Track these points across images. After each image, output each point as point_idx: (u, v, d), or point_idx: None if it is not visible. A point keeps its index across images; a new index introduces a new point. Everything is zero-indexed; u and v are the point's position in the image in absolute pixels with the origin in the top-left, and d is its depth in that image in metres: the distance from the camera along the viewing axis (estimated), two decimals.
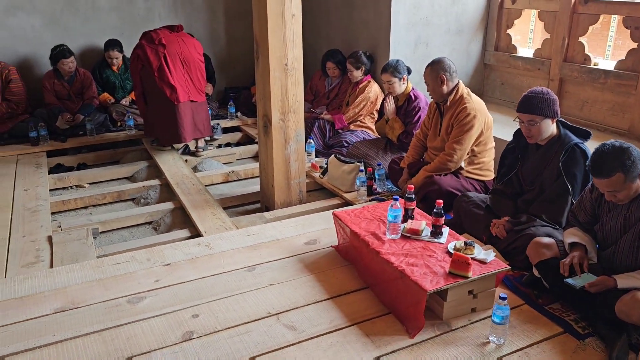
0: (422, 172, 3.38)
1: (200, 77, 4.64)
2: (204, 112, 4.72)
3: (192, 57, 4.54)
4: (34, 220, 3.41)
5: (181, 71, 4.49)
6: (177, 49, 4.48)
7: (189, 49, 4.54)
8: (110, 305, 2.41)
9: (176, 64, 4.46)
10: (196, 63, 4.58)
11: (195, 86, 4.59)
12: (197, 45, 4.69)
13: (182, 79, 4.50)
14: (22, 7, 5.27)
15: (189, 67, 4.53)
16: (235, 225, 3.33)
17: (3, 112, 4.97)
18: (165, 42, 4.44)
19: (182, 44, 4.53)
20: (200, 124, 4.67)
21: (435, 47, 4.72)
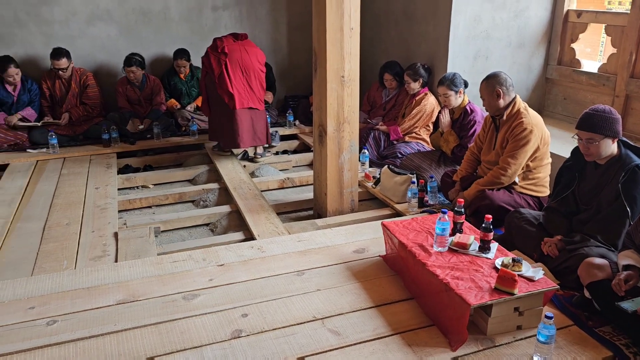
0: (475, 186, 3.37)
1: (259, 86, 4.74)
2: (262, 120, 4.83)
3: (253, 66, 4.66)
4: (103, 217, 3.65)
5: (240, 79, 4.62)
6: (238, 57, 4.61)
7: (250, 58, 4.65)
8: (167, 300, 2.56)
9: (236, 72, 4.60)
10: (256, 72, 4.69)
11: (254, 94, 4.70)
12: (260, 55, 4.79)
13: (241, 87, 4.64)
14: (101, 18, 5.65)
15: (248, 75, 4.65)
16: (288, 230, 3.43)
17: (80, 115, 5.35)
18: (228, 50, 4.59)
19: (244, 52, 4.65)
20: (258, 131, 4.79)
21: (495, 60, 4.67)
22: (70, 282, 2.73)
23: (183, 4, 5.88)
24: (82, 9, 5.56)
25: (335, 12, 3.30)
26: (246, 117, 4.71)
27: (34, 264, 3.00)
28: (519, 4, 4.58)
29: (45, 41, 5.50)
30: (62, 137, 5.14)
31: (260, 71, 4.76)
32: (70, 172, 4.54)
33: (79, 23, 5.60)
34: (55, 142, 4.93)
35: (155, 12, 5.82)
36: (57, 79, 5.32)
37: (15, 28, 5.41)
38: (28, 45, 5.50)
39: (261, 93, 4.79)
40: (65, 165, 4.73)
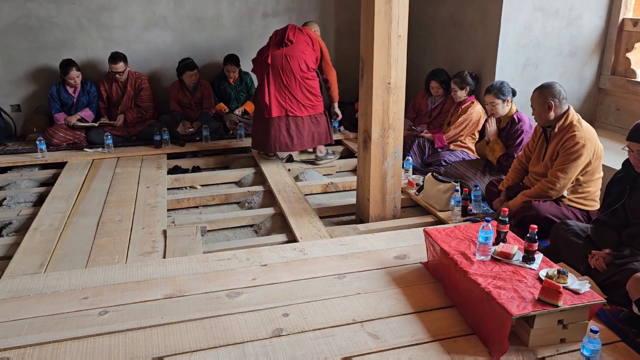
0: (521, 196, 3.31)
1: (307, 93, 4.70)
2: (308, 126, 4.81)
3: (295, 76, 4.61)
4: (153, 214, 3.79)
5: (283, 89, 4.64)
6: (279, 67, 4.61)
7: (292, 68, 4.61)
8: (211, 297, 2.63)
9: (277, 82, 4.63)
10: (299, 81, 4.64)
11: (301, 103, 4.70)
12: (304, 60, 4.63)
13: (281, 97, 4.65)
14: (157, 24, 5.89)
15: (288, 86, 4.63)
16: (330, 234, 3.47)
17: (134, 117, 5.58)
18: (270, 60, 4.62)
19: (285, 62, 4.60)
20: (305, 136, 4.81)
21: (546, 69, 4.58)
22: (121, 275, 2.86)
23: (235, 10, 6.05)
24: (140, 15, 5.81)
25: (383, 20, 3.34)
26: (281, 124, 4.74)
27: (88, 257, 3.16)
28: (571, 12, 4.48)
29: (104, 46, 5.77)
30: (116, 137, 5.38)
31: (306, 79, 4.68)
32: (124, 171, 4.74)
33: (136, 29, 5.84)
34: (110, 142, 5.16)
35: (208, 18, 6.01)
36: (114, 82, 5.57)
37: (78, 33, 5.71)
38: (88, 50, 5.79)
39: (310, 98, 4.74)
40: (119, 164, 4.94)
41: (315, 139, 4.92)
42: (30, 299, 2.63)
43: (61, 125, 5.38)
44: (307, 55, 4.68)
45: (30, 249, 3.25)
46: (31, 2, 5.50)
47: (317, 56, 4.77)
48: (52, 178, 4.74)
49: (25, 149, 5.29)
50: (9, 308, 2.55)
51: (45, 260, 3.10)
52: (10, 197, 4.31)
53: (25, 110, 5.84)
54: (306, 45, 4.70)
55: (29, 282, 2.79)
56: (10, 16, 5.49)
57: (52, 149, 5.23)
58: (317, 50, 4.76)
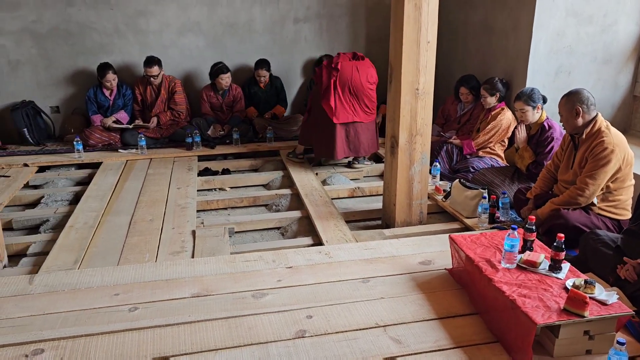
0: (549, 205, 3.27)
1: (367, 101, 4.88)
2: (365, 132, 4.95)
3: (362, 85, 4.78)
4: (183, 215, 3.89)
5: (348, 96, 4.78)
6: (348, 75, 4.74)
7: (360, 78, 4.76)
8: (237, 297, 2.69)
9: (344, 90, 4.77)
10: (364, 91, 4.83)
11: (362, 109, 4.85)
12: (371, 75, 4.89)
13: (346, 104, 4.79)
14: (191, 29, 6.02)
15: (355, 94, 4.79)
16: (355, 238, 3.49)
17: (167, 119, 5.72)
18: (340, 67, 4.75)
19: (355, 71, 4.77)
20: (357, 142, 4.92)
21: (579, 76, 4.51)
22: (151, 273, 2.94)
23: (267, 16, 6.14)
24: (175, 20, 5.95)
25: (412, 26, 3.35)
26: (342, 131, 4.86)
27: (120, 255, 3.26)
28: (606, 19, 4.40)
29: (140, 50, 5.94)
30: (149, 139, 5.52)
31: (369, 89, 4.87)
32: (156, 172, 4.87)
33: (171, 34, 5.99)
34: (143, 143, 5.30)
35: (240, 24, 6.11)
36: (149, 85, 5.72)
37: (115, 38, 5.89)
38: (125, 54, 5.96)
39: (370, 107, 4.89)
40: (152, 165, 5.07)
41: (370, 146, 5.02)
42: (64, 293, 2.74)
43: (97, 126, 5.55)
44: (371, 71, 4.91)
45: (66, 246, 3.37)
46: (72, 8, 5.70)
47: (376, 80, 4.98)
48: (87, 178, 4.90)
49: (63, 149, 5.49)
50: (45, 302, 2.65)
51: (79, 257, 3.22)
52: (47, 196, 4.47)
53: (63, 112, 6.05)
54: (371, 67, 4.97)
55: (63, 278, 2.90)
56: (52, 22, 5.71)
57: (88, 149, 5.41)
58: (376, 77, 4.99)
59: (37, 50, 5.76)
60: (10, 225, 3.95)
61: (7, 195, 4.32)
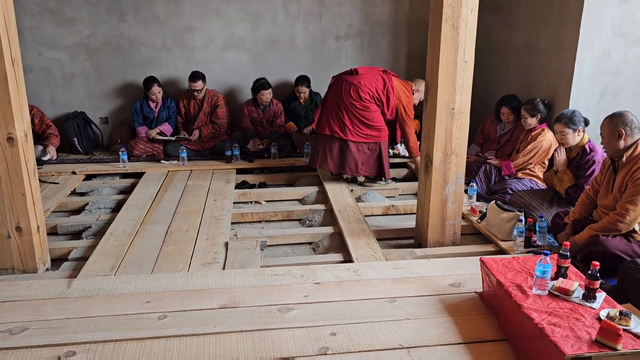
0: (588, 230, 3.16)
1: (353, 119, 4.74)
2: (354, 153, 4.83)
3: (344, 101, 4.73)
4: (217, 227, 3.96)
5: (336, 110, 4.78)
6: (334, 90, 4.83)
7: (343, 93, 4.73)
8: (264, 311, 2.71)
9: (330, 103, 4.82)
10: (348, 107, 4.72)
11: (353, 128, 4.76)
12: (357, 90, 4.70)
13: (333, 117, 4.80)
14: (235, 45, 6.19)
15: (339, 108, 4.75)
16: (385, 257, 3.47)
17: (209, 132, 5.87)
18: (332, 81, 4.88)
19: (339, 87, 4.77)
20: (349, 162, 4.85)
21: (625, 98, 4.36)
22: (182, 283, 3.01)
23: (309, 33, 6.24)
24: (219, 36, 6.13)
25: (449, 46, 3.33)
26: (324, 142, 4.89)
27: (155, 263, 3.35)
28: None
29: (185, 64, 6.14)
30: (191, 151, 5.67)
31: (356, 106, 4.71)
32: (195, 183, 4.99)
33: (215, 49, 6.17)
34: (185, 155, 5.46)
35: (282, 40, 6.23)
36: (192, 99, 5.90)
37: (162, 53, 6.11)
38: (172, 68, 6.18)
39: (360, 127, 4.77)
40: (191, 176, 5.20)
41: (362, 168, 4.91)
42: (99, 298, 2.84)
43: (142, 137, 5.75)
44: (364, 87, 4.71)
45: (105, 252, 3.50)
46: (123, 24, 5.96)
47: (385, 102, 4.82)
48: (130, 187, 5.07)
49: (109, 159, 5.71)
50: (80, 306, 2.76)
51: (116, 264, 3.33)
52: (92, 203, 4.65)
53: (111, 123, 6.31)
54: (371, 80, 4.77)
55: (99, 283, 3.01)
56: (105, 37, 5.98)
57: (132, 159, 5.60)
58: (389, 95, 4.82)
59: (90, 64, 6.05)
60: (55, 230, 4.13)
61: (54, 202, 4.52)
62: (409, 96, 4.91)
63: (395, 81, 4.90)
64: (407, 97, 4.90)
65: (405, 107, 4.90)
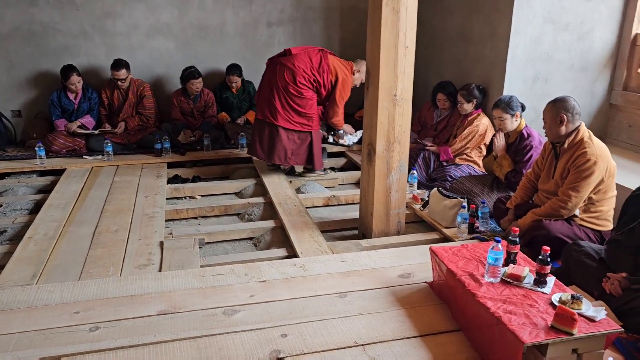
0: (531, 215, 3.20)
1: (285, 105, 4.52)
2: (283, 140, 4.61)
3: (278, 84, 4.52)
4: (150, 225, 3.70)
5: (267, 92, 4.60)
6: (269, 73, 4.63)
7: (277, 77, 4.53)
8: (207, 314, 2.53)
9: (265, 86, 4.63)
10: (281, 90, 4.51)
11: (285, 114, 4.55)
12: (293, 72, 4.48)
13: (266, 99, 4.61)
14: (161, 31, 5.83)
15: (272, 93, 4.54)
16: (331, 249, 3.36)
17: (135, 124, 5.50)
18: (268, 63, 4.68)
19: (272, 72, 4.58)
20: (279, 150, 4.64)
21: (556, 83, 4.49)
22: (114, 289, 2.75)
23: (239, 19, 5.99)
24: (143, 22, 5.75)
25: (390, 30, 3.25)
26: (258, 128, 4.72)
27: (82, 269, 3.05)
28: (583, 26, 4.39)
29: (107, 52, 5.72)
30: (117, 145, 5.30)
31: (291, 91, 4.50)
32: (122, 179, 4.65)
33: (139, 36, 5.79)
34: (110, 149, 5.08)
35: (212, 27, 5.95)
36: (116, 89, 5.50)
37: (81, 40, 5.66)
38: (91, 56, 5.73)
39: (291, 114, 4.56)
40: (118, 172, 4.85)
41: (291, 158, 4.70)
42: (19, 312, 2.53)
43: (61, 131, 5.30)
44: (299, 69, 4.50)
45: (24, 259, 3.15)
46: (35, 8, 5.45)
47: (322, 82, 4.62)
48: (49, 185, 4.66)
49: (25, 155, 5.22)
50: None
51: (37, 271, 3.01)
52: (6, 204, 4.22)
53: (25, 116, 5.78)
54: (305, 61, 4.55)
55: (19, 294, 2.69)
56: (14, 22, 5.44)
57: (51, 155, 5.15)
58: (324, 74, 4.59)
59: None
60: None
61: None
62: (348, 75, 4.72)
63: (333, 58, 4.69)
64: (345, 75, 4.69)
65: (341, 86, 4.66)
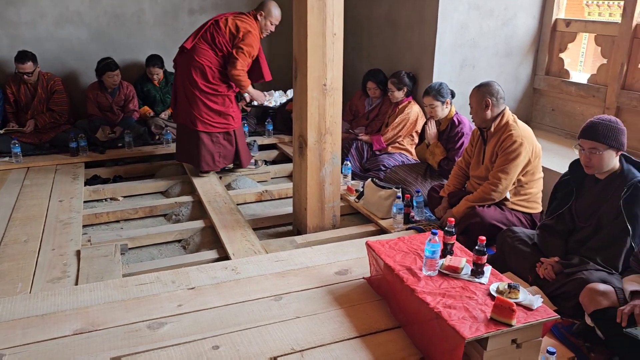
0: (464, 202, 3.18)
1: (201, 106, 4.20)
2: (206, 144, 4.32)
3: (190, 87, 4.20)
4: (65, 233, 3.38)
5: (184, 99, 4.28)
6: (178, 76, 4.33)
7: (187, 80, 4.21)
8: (130, 330, 2.32)
9: (179, 89, 4.31)
10: (196, 94, 4.18)
11: (195, 117, 4.23)
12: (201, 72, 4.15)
13: (182, 106, 4.30)
14: (71, 20, 5.38)
15: (187, 96, 4.23)
16: (265, 248, 3.21)
17: (46, 122, 5.05)
18: (178, 56, 4.34)
19: (180, 74, 4.28)
20: (195, 155, 4.36)
21: (482, 69, 4.52)
22: (23, 308, 2.47)
23: (158, 7, 5.64)
24: (51, 10, 5.28)
25: (317, 17, 3.12)
26: (184, 134, 4.41)
27: None
28: (506, 12, 4.44)
29: (10, 44, 5.21)
30: (26, 145, 4.85)
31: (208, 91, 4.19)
32: (34, 183, 4.25)
33: (47, 25, 5.32)
34: (18, 150, 4.64)
35: (128, 15, 5.56)
36: (23, 84, 5.02)
37: None
38: None
39: (209, 115, 4.22)
40: (29, 175, 4.43)
41: (219, 161, 4.43)
42: None
43: None
44: (204, 63, 4.13)
45: None
46: None
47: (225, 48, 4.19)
48: None
49: None
50: None
51: None
52: None
53: None
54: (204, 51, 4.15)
55: None
56: None
57: None
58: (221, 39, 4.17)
59: None
60: None
61: None
62: (252, 26, 4.20)
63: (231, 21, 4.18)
64: (246, 29, 4.16)
65: (242, 37, 4.13)
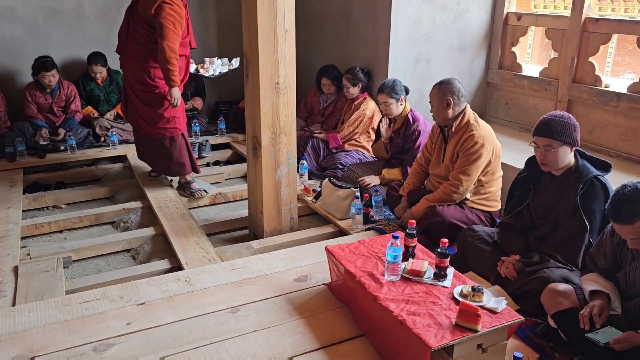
0: (424, 202, 3.12)
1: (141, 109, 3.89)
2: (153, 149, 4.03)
3: (133, 90, 3.89)
4: (1, 247, 3.14)
5: (132, 105, 3.98)
6: (124, 79, 4.05)
7: (127, 71, 3.91)
8: (74, 354, 2.14)
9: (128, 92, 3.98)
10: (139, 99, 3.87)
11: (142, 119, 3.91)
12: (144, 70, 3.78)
13: (131, 111, 4.00)
14: (3, 16, 5.02)
15: (133, 100, 3.92)
16: (220, 256, 3.06)
17: None
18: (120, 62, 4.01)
19: (125, 77, 4.00)
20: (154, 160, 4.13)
21: (437, 64, 4.49)
22: None
23: (99, 1, 5.35)
24: None
25: (267, 12, 2.98)
26: (138, 138, 4.15)
27: None
28: (459, 6, 4.42)
29: None
30: None
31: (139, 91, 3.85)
32: None
33: None
34: None
35: (66, 10, 5.24)
36: None
37: None
38: None
39: (152, 118, 3.86)
40: None
41: (162, 166, 4.11)
42: None
43: None
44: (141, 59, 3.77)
45: None
46: None
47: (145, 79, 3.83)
48: None
49: None
50: None
51: None
52: None
53: None
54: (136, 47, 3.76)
55: None
56: None
57: None
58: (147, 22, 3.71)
59: None
60: None
61: None
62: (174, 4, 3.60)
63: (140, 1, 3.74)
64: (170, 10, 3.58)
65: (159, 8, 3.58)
